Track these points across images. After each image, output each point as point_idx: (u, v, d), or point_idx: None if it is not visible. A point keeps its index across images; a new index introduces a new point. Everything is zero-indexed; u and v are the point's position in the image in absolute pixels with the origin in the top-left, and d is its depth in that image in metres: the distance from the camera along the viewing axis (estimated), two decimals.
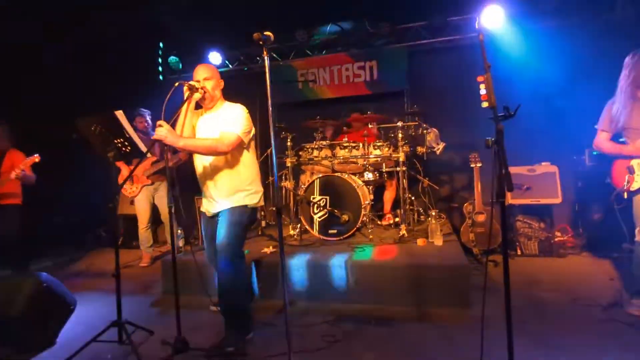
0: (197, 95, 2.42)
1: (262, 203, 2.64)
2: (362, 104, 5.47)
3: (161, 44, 6.16)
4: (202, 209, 2.70)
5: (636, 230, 2.74)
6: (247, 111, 2.50)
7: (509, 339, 1.71)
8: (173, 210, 2.23)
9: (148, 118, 4.69)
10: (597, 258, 4.20)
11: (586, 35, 4.92)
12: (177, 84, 2.28)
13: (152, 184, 4.73)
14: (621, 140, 2.89)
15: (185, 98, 2.41)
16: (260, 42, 1.85)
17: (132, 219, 5.96)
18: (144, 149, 2.27)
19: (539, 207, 4.59)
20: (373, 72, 5.46)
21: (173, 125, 2.29)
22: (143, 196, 4.74)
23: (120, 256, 2.58)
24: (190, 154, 2.68)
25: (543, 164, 4.64)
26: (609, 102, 2.85)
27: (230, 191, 2.50)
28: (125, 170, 4.66)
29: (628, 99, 2.71)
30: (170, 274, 3.49)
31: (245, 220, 2.52)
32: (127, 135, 2.22)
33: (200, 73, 2.46)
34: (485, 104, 1.64)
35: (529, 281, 3.54)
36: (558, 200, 4.49)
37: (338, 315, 2.88)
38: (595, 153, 4.57)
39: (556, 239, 4.51)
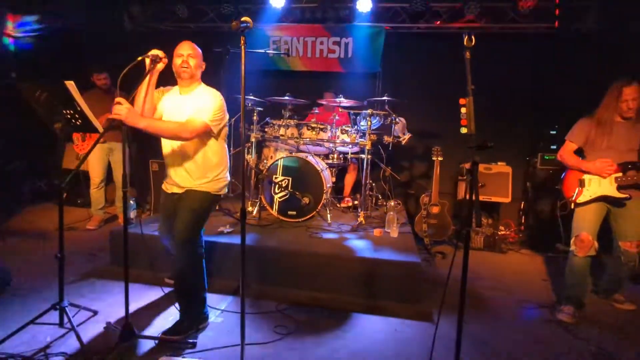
0: (159, 66, 2.26)
1: (224, 192, 2.58)
2: (334, 81, 5.33)
3: None
4: (164, 185, 2.60)
5: (571, 241, 2.96)
6: (222, 99, 2.40)
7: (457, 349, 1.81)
8: (127, 193, 2.07)
9: (108, 74, 4.29)
10: (534, 256, 4.53)
11: (554, 43, 5.05)
12: (139, 58, 2.07)
13: (105, 142, 4.42)
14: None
15: (146, 71, 2.21)
16: (238, 31, 1.68)
17: (77, 174, 5.59)
18: (98, 125, 2.05)
19: (489, 204, 4.83)
20: (348, 49, 5.29)
21: (132, 102, 2.10)
22: (96, 155, 4.45)
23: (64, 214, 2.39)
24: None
25: (499, 163, 4.84)
26: (585, 119, 2.98)
27: (195, 175, 2.44)
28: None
29: (605, 122, 2.87)
30: (119, 245, 3.34)
31: (206, 207, 2.47)
32: (79, 109, 1.98)
33: (185, 48, 2.37)
34: (464, 130, 1.62)
35: (471, 276, 3.74)
36: (508, 200, 4.75)
37: (292, 302, 2.91)
38: (547, 157, 4.83)
39: (500, 233, 4.81)
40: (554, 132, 4.99)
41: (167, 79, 2.47)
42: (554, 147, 4.89)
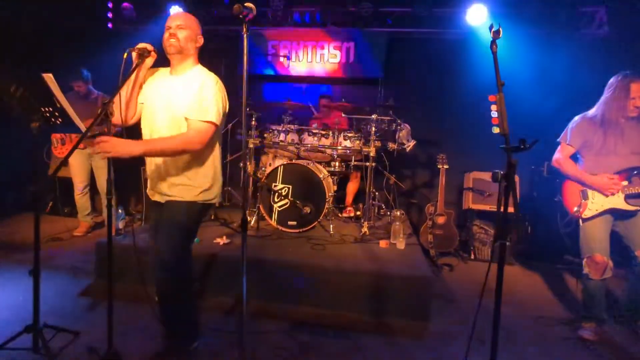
0: (148, 61, 2.00)
1: (218, 199, 2.23)
2: (335, 87, 5.17)
3: None
4: (148, 191, 2.23)
5: (584, 262, 2.64)
6: (221, 85, 2.05)
7: None
8: (113, 202, 1.85)
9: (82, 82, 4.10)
10: (542, 267, 4.33)
11: (562, 47, 4.93)
12: (125, 54, 1.83)
13: (85, 147, 4.21)
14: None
15: (133, 66, 1.93)
16: (241, 16, 1.49)
17: (67, 181, 5.34)
18: (81, 125, 1.82)
19: (495, 213, 4.64)
20: (349, 54, 5.14)
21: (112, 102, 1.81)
22: (77, 160, 4.25)
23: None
24: (137, 121, 2.15)
25: None
26: (582, 118, 2.67)
27: (184, 179, 2.06)
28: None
29: (608, 123, 2.56)
30: (105, 258, 3.09)
31: (194, 218, 2.13)
32: (59, 105, 1.77)
33: (174, 19, 2.02)
34: (496, 130, 1.43)
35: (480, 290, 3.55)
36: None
37: (293, 322, 2.68)
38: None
39: (507, 243, 4.60)
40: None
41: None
42: None
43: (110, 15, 5.43)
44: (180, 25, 1.99)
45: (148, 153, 1.88)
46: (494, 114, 1.43)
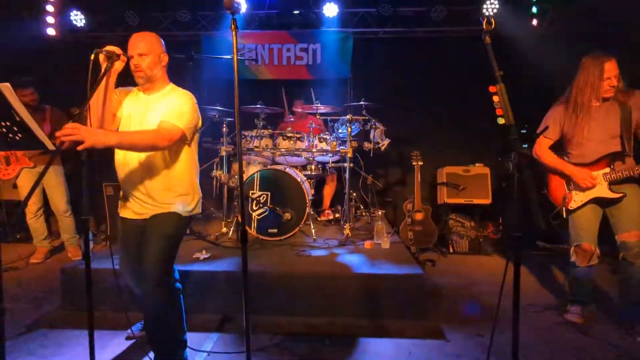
0: (118, 65, 1.90)
1: (199, 210, 2.17)
2: (303, 88, 5.08)
3: None
4: (121, 211, 2.12)
5: (571, 250, 2.67)
6: (194, 100, 2.06)
7: None
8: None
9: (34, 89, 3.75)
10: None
11: (520, 43, 5.15)
12: (93, 55, 1.72)
13: (35, 166, 3.85)
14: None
15: (102, 72, 1.81)
16: (230, 11, 1.38)
17: (16, 206, 4.88)
18: (47, 141, 1.59)
19: (471, 206, 4.75)
20: (316, 56, 5.09)
21: (85, 114, 1.70)
22: (26, 180, 3.87)
23: None
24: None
25: (477, 165, 4.79)
26: (556, 107, 2.63)
27: (163, 193, 2.02)
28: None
29: (582, 107, 2.49)
30: (72, 285, 2.83)
31: (179, 232, 2.08)
32: (18, 119, 1.55)
33: (134, 45, 1.95)
34: (501, 121, 1.41)
35: (467, 282, 3.60)
36: (488, 201, 4.69)
37: (286, 333, 2.55)
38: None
39: (479, 233, 4.72)
40: (524, 131, 5.05)
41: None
42: (525, 145, 4.91)
43: (53, 20, 5.01)
44: (141, 53, 1.96)
45: (121, 144, 1.81)
46: (498, 105, 1.40)
